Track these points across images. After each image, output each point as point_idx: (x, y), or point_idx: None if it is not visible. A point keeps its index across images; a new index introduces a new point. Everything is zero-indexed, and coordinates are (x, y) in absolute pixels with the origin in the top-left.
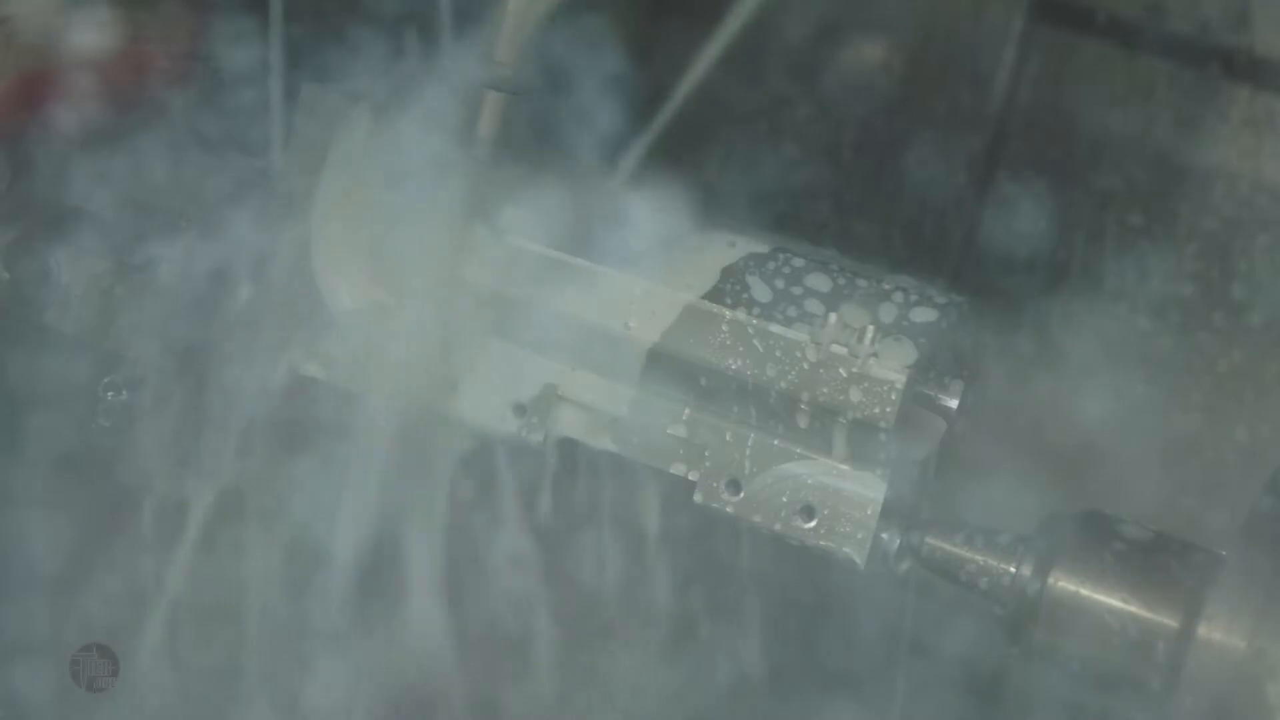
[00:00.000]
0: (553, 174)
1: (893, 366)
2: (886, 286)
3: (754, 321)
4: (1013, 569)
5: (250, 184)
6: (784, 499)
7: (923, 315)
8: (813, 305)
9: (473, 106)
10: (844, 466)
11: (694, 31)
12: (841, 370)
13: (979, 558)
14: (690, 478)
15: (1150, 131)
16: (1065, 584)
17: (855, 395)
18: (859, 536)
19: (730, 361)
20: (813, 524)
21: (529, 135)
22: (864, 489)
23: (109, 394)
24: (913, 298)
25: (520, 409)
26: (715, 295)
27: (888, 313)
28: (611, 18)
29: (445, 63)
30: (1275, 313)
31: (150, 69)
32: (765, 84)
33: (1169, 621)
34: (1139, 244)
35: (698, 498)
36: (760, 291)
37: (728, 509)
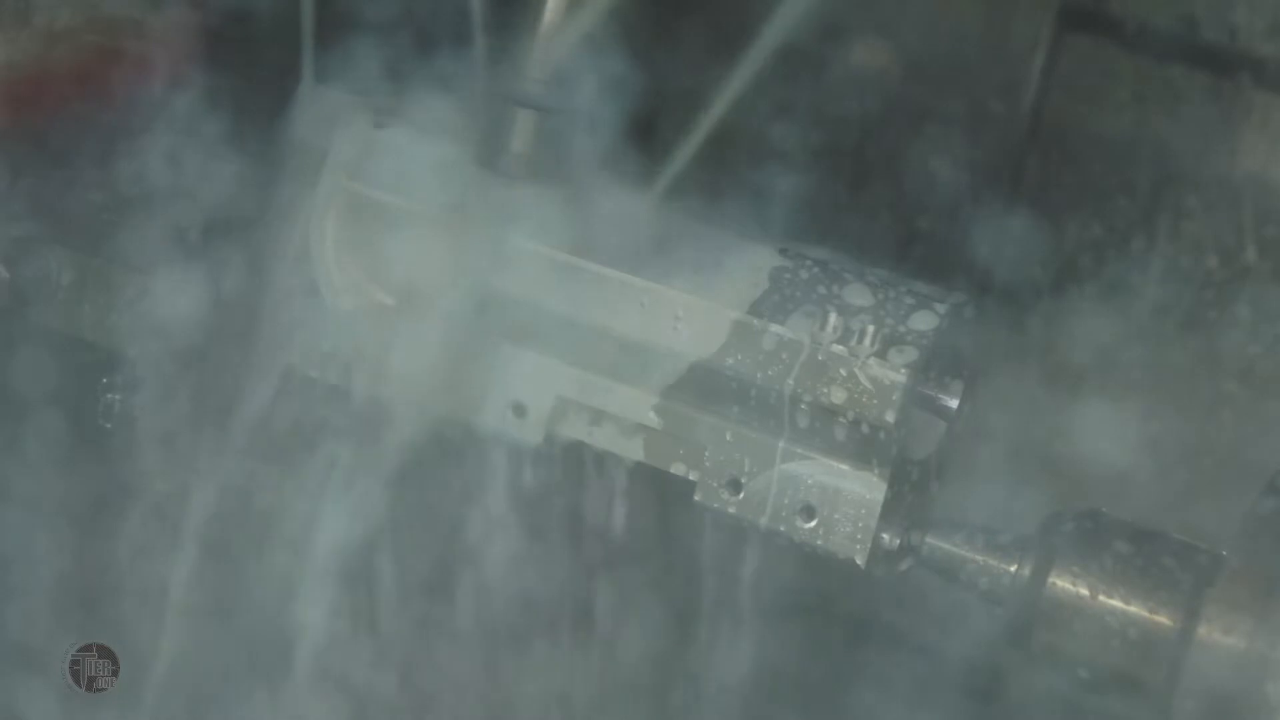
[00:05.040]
0: (556, 178)
1: (893, 366)
2: (889, 287)
3: (754, 321)
4: (1013, 569)
5: (251, 184)
6: (784, 499)
7: (924, 315)
8: (814, 305)
9: (495, 119)
10: (844, 466)
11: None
12: (841, 370)
13: (979, 558)
14: (690, 478)
15: (1173, 138)
16: (1065, 584)
17: (855, 395)
18: (859, 536)
19: (730, 361)
20: (813, 524)
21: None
22: (864, 489)
23: (109, 394)
24: (915, 298)
25: (520, 409)
26: (716, 295)
27: (889, 313)
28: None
29: (475, 76)
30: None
31: (151, 69)
32: (778, 90)
33: (1169, 622)
34: (1157, 248)
35: (698, 498)
36: (761, 290)
37: (728, 509)
